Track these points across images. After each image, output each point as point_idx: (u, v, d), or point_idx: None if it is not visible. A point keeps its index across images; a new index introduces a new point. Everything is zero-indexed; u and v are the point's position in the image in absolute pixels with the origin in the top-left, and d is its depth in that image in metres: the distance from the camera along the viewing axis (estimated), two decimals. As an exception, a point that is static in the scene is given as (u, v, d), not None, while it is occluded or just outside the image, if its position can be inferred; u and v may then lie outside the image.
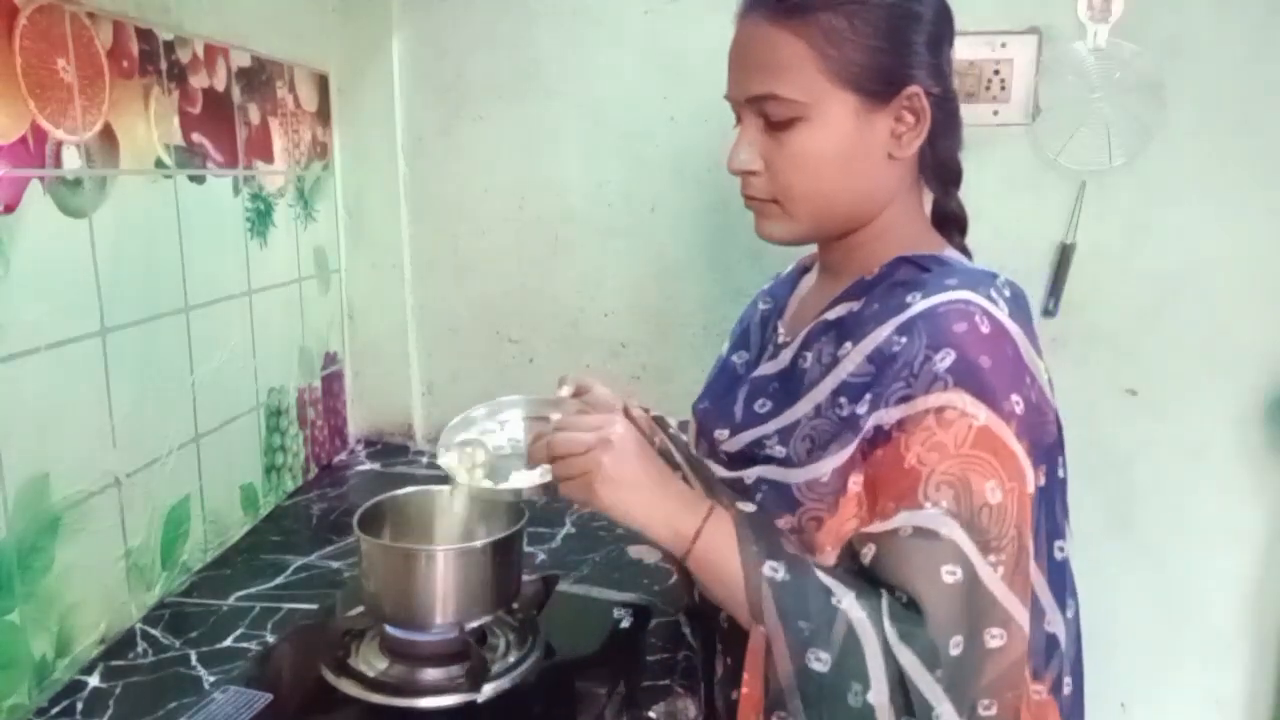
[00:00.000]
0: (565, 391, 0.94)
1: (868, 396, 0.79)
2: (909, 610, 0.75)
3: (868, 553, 0.78)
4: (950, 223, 0.93)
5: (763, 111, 0.83)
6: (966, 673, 0.75)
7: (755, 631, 0.78)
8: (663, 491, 0.82)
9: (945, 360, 0.76)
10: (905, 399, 0.77)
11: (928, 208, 0.93)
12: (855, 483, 0.80)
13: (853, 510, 0.80)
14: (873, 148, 0.84)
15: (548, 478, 0.84)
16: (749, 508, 0.84)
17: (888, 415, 0.78)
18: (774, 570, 0.77)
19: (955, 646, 0.74)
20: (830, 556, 0.81)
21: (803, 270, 1.03)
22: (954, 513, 0.75)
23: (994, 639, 0.75)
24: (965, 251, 0.92)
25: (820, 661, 0.75)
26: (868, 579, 0.79)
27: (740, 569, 0.78)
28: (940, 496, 0.75)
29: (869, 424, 0.79)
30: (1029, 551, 0.78)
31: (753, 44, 0.83)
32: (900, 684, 0.74)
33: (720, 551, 0.80)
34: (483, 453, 0.92)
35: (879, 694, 0.74)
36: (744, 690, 0.78)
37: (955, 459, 0.75)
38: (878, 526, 0.78)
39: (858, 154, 0.83)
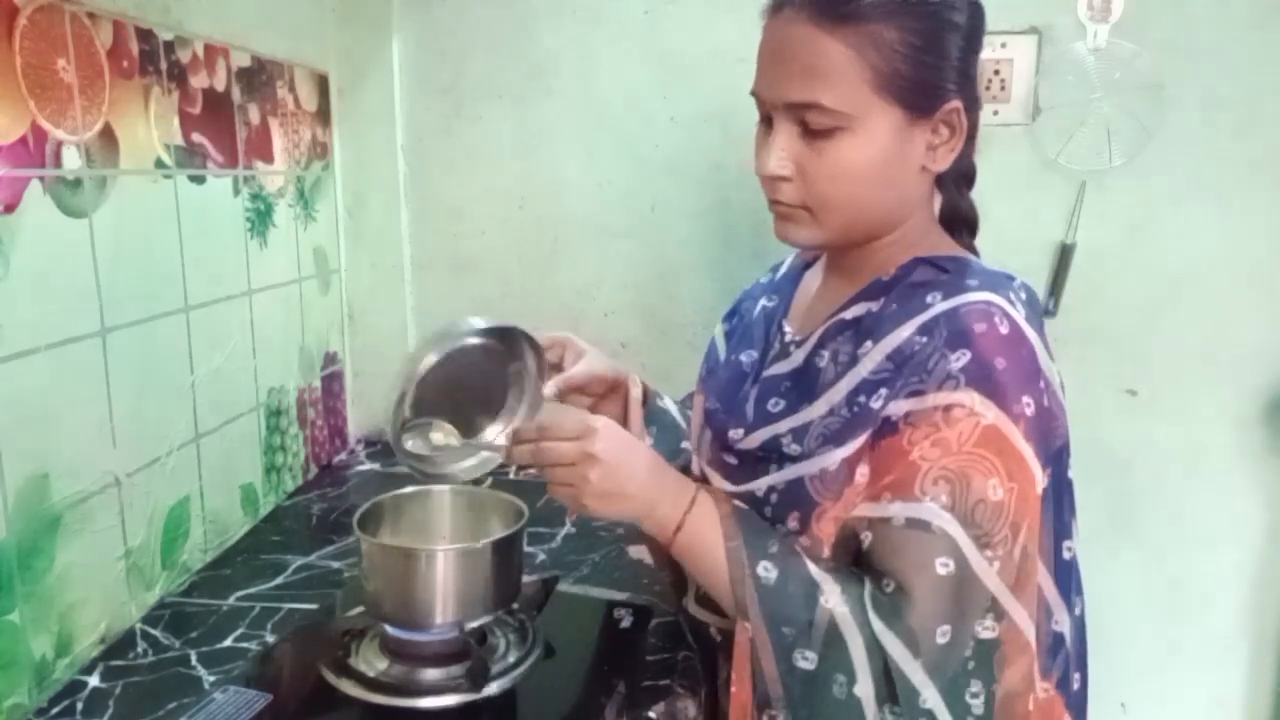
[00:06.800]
0: (549, 391, 0.94)
1: (883, 391, 0.79)
2: (892, 598, 0.76)
3: (866, 538, 0.79)
4: (960, 222, 0.93)
5: (801, 119, 0.81)
6: (955, 660, 0.75)
7: (740, 630, 0.78)
8: (648, 490, 0.82)
9: (960, 360, 0.76)
10: (916, 393, 0.77)
11: (935, 207, 0.93)
12: (862, 474, 0.80)
13: (859, 502, 0.80)
14: (910, 160, 0.82)
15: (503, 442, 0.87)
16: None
17: (896, 407, 0.78)
18: (766, 571, 0.78)
19: (943, 635, 0.75)
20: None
21: (805, 266, 1.02)
22: (949, 507, 0.75)
23: (986, 630, 0.76)
24: (974, 251, 0.92)
25: (807, 660, 0.76)
26: (857, 563, 0.80)
27: (726, 563, 0.79)
28: (938, 491, 0.75)
29: (879, 416, 0.79)
30: (1031, 551, 0.78)
31: (795, 46, 0.79)
32: (885, 675, 0.75)
33: (704, 543, 0.81)
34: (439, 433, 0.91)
35: (864, 686, 0.75)
36: (733, 689, 0.79)
37: (957, 456, 0.75)
38: (871, 510, 0.78)
39: (895, 167, 0.82)
